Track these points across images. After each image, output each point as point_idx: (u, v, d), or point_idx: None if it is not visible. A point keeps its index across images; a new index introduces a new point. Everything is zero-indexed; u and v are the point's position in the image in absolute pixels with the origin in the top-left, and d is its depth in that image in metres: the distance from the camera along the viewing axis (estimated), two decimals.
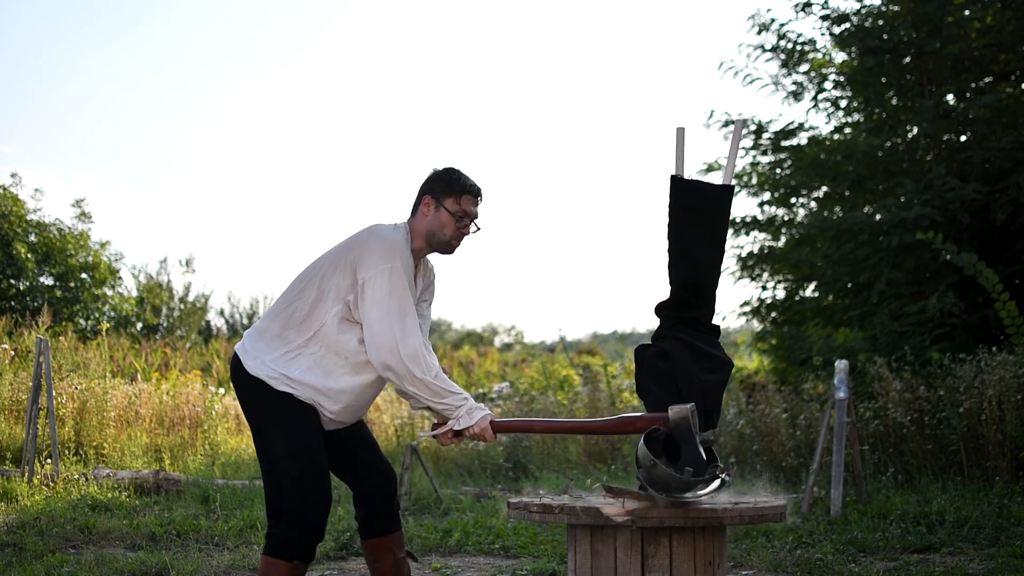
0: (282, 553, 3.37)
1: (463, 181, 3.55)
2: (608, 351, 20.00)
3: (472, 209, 3.54)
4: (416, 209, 3.56)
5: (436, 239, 3.53)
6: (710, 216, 3.27)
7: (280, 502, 3.39)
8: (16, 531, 6.20)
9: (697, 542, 2.99)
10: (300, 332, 3.43)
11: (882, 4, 11.25)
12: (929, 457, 8.15)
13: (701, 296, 3.26)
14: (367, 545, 3.66)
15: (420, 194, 3.57)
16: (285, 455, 3.38)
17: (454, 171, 3.57)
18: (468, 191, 3.53)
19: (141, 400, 10.17)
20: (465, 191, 3.53)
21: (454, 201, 3.51)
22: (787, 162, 11.59)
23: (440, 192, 3.53)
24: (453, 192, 3.52)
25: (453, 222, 3.51)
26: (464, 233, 3.55)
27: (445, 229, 3.51)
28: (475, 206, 3.56)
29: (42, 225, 16.24)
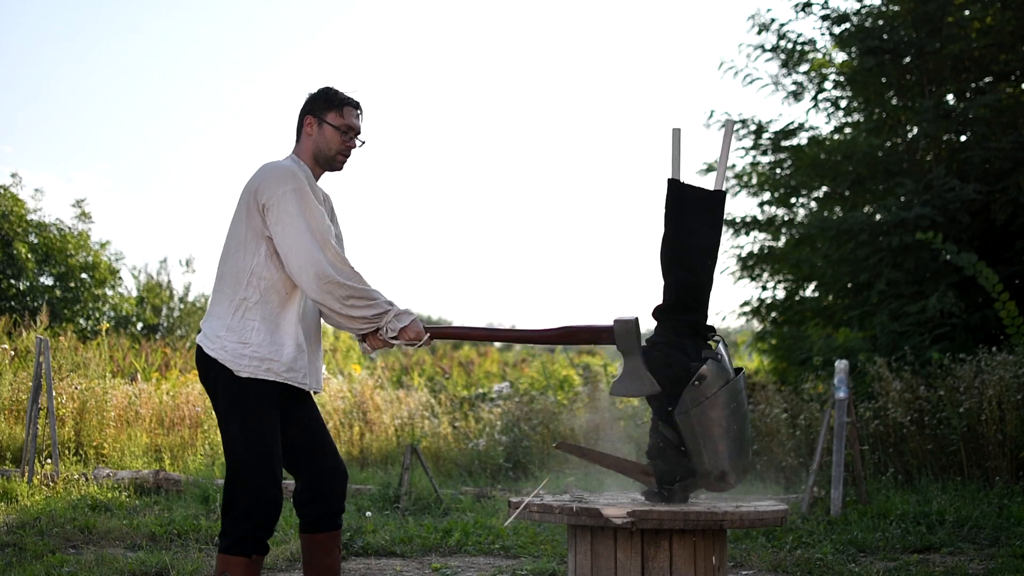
0: (239, 550, 3.38)
1: (340, 95, 3.55)
2: (608, 351, 19.99)
3: (355, 122, 3.55)
4: (300, 133, 3.58)
5: (323, 156, 3.53)
6: (706, 221, 3.26)
7: (236, 498, 3.38)
8: (16, 531, 6.20)
9: (697, 544, 2.99)
10: (243, 289, 3.41)
11: (882, 4, 11.25)
12: (929, 457, 8.15)
13: (698, 299, 3.26)
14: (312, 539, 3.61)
15: (300, 117, 3.57)
16: (243, 448, 3.37)
17: (330, 88, 3.57)
18: (348, 103, 3.55)
19: (141, 400, 10.16)
20: (345, 103, 3.54)
21: (336, 115, 3.53)
22: (787, 162, 11.59)
23: (320, 109, 3.54)
24: (333, 106, 3.53)
25: (338, 136, 3.53)
26: (350, 147, 3.56)
27: (331, 144, 3.53)
28: (357, 119, 3.57)
29: (42, 225, 16.23)
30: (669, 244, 3.27)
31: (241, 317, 3.40)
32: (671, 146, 3.31)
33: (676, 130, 3.31)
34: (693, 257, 3.26)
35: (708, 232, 3.27)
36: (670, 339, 3.25)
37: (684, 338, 3.26)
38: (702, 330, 3.30)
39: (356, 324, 3.36)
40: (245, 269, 3.41)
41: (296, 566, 5.56)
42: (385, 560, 5.81)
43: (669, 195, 3.26)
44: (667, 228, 3.27)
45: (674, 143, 3.32)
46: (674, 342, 3.24)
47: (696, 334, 3.28)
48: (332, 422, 10.48)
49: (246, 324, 3.39)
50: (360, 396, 10.72)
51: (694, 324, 3.28)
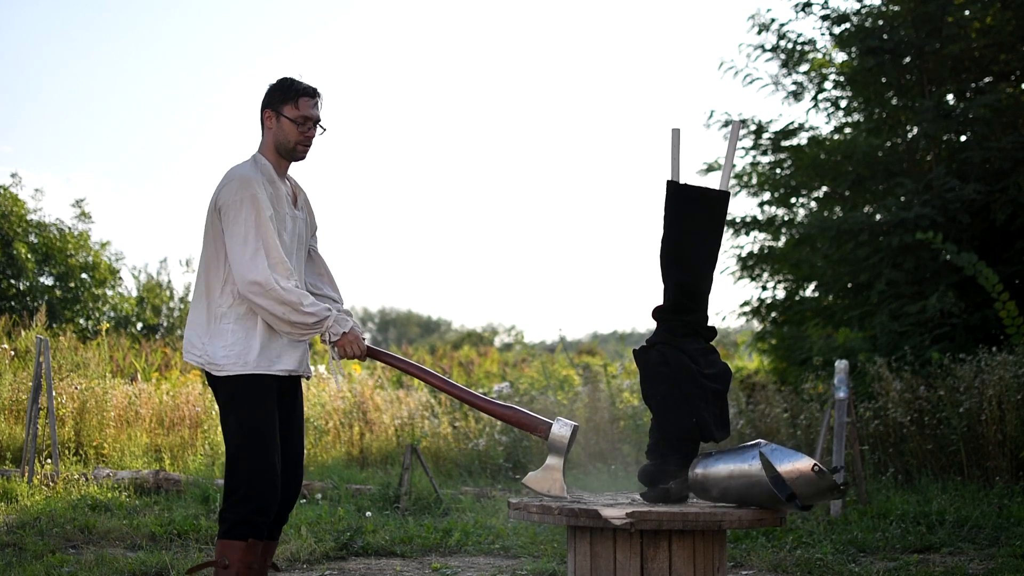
0: (236, 533, 3.46)
1: (296, 85, 3.61)
2: (608, 351, 19.99)
3: (312, 112, 3.60)
4: (262, 127, 3.65)
5: (283, 148, 3.61)
6: (707, 221, 3.26)
7: (235, 485, 3.49)
8: (16, 531, 6.20)
9: (697, 545, 2.98)
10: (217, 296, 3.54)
11: (882, 4, 11.25)
12: (929, 457, 8.15)
13: (698, 300, 3.26)
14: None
15: (261, 112, 3.65)
16: (239, 437, 3.49)
17: (286, 79, 3.63)
18: (304, 93, 3.60)
19: (141, 400, 10.16)
20: (300, 94, 3.60)
21: (291, 107, 3.59)
22: (787, 162, 11.59)
23: (277, 102, 3.61)
24: (289, 98, 3.59)
25: (295, 127, 3.59)
26: (310, 136, 3.61)
27: (289, 136, 3.59)
28: (314, 108, 3.62)
29: (42, 225, 16.23)
30: (668, 245, 3.26)
31: (217, 322, 3.52)
32: (670, 146, 3.31)
33: (675, 130, 3.30)
34: (692, 258, 3.25)
35: (708, 233, 3.27)
36: (669, 340, 3.25)
37: (683, 338, 3.26)
38: (702, 331, 3.30)
39: (293, 329, 3.46)
40: (219, 277, 3.53)
41: (296, 566, 5.57)
42: (385, 560, 5.82)
43: (668, 196, 3.25)
44: (666, 229, 3.27)
45: (673, 143, 3.31)
46: (673, 342, 3.24)
47: (696, 334, 3.28)
48: (332, 422, 10.48)
49: (223, 328, 3.52)
50: (360, 396, 10.72)
51: (693, 324, 3.28)
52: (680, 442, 3.19)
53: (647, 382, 3.27)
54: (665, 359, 3.23)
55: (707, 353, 3.27)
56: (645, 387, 3.28)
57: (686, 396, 3.17)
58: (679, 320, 3.26)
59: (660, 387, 3.22)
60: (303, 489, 7.92)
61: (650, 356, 3.27)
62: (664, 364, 3.22)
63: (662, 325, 3.29)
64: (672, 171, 3.29)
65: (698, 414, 3.16)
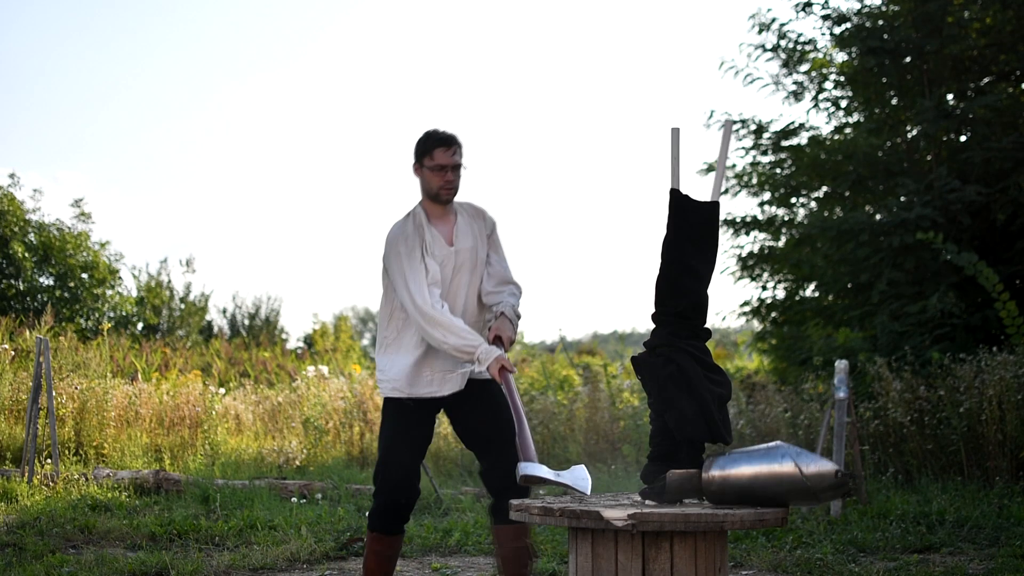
0: (369, 524, 4.16)
1: (428, 139, 4.10)
2: (608, 351, 19.98)
3: (446, 159, 4.08)
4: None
5: (430, 195, 4.14)
6: (708, 234, 3.26)
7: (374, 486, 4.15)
8: (16, 531, 6.20)
9: (698, 546, 2.98)
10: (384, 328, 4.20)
11: (882, 4, 11.24)
12: (929, 457, 8.15)
13: (697, 305, 3.27)
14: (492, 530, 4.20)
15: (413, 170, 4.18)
16: (379, 449, 4.15)
17: (424, 134, 4.12)
18: (436, 144, 4.09)
19: (141, 400, 10.16)
20: (434, 146, 4.09)
21: (428, 159, 4.10)
22: (787, 162, 11.58)
23: (417, 157, 4.14)
24: (425, 152, 4.10)
25: (434, 175, 4.09)
26: (448, 180, 4.10)
27: (431, 184, 4.12)
28: (449, 155, 4.09)
29: (42, 225, 16.22)
30: (673, 254, 3.24)
31: (383, 353, 4.18)
32: (670, 146, 3.29)
33: (675, 130, 3.29)
34: (698, 269, 3.25)
35: (709, 244, 3.27)
36: (672, 342, 3.24)
37: (683, 339, 3.25)
38: (701, 332, 3.29)
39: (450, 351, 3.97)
40: (385, 314, 4.19)
41: (296, 566, 5.57)
42: None
43: (671, 204, 3.24)
44: (669, 234, 3.26)
45: (673, 143, 3.29)
46: (677, 344, 3.23)
47: (696, 336, 3.27)
48: (332, 422, 10.48)
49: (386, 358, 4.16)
50: (360, 396, 10.72)
51: (693, 328, 3.27)
52: (691, 444, 3.19)
53: (656, 385, 3.25)
54: (673, 361, 3.22)
55: (709, 356, 3.28)
56: (654, 390, 3.25)
57: (699, 399, 3.16)
58: (678, 323, 3.25)
59: (671, 390, 3.20)
60: (303, 489, 7.92)
61: (656, 360, 3.25)
62: (672, 364, 3.21)
63: (664, 328, 3.28)
64: (672, 171, 3.28)
65: (710, 416, 3.16)
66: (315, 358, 16.21)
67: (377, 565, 4.17)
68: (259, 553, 5.67)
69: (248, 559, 5.56)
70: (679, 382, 3.19)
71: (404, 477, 4.09)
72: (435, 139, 4.08)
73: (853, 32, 10.92)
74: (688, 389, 3.18)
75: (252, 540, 6.15)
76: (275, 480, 8.23)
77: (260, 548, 5.84)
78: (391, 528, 4.13)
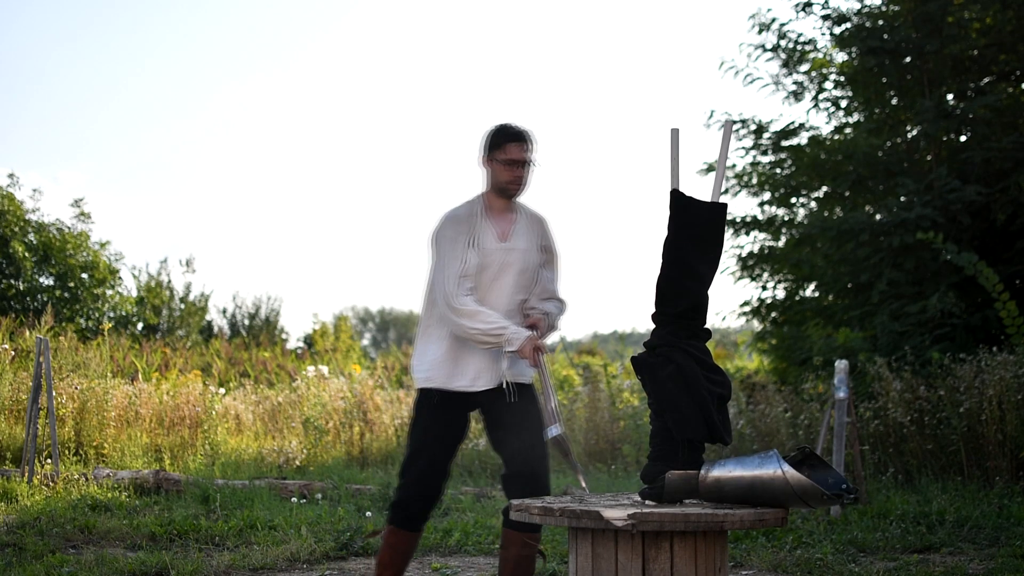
0: (390, 516, 4.14)
1: (501, 132, 4.08)
2: (608, 351, 19.99)
3: (518, 154, 4.05)
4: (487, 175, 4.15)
5: (499, 187, 4.10)
6: (710, 235, 3.25)
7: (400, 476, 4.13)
8: (16, 531, 6.20)
9: (699, 546, 2.98)
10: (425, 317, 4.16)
11: (882, 4, 11.24)
12: (929, 457, 8.15)
13: (701, 311, 3.26)
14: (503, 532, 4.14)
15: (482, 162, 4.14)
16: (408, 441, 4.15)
17: (496, 127, 4.10)
18: (508, 139, 4.06)
19: (141, 400, 10.16)
20: (506, 140, 4.06)
21: (500, 152, 4.06)
22: (787, 162, 11.58)
23: (489, 149, 4.10)
24: (496, 146, 4.07)
25: (504, 169, 4.06)
26: (518, 175, 4.07)
27: (500, 177, 4.08)
28: (522, 151, 4.06)
29: (41, 225, 16.22)
30: (674, 255, 3.24)
31: (421, 339, 4.15)
32: (670, 147, 3.28)
33: (675, 131, 3.28)
34: (699, 270, 3.24)
35: (712, 246, 3.26)
36: (672, 342, 3.24)
37: (683, 340, 3.25)
38: (701, 333, 3.29)
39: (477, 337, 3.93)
40: (430, 297, 4.13)
41: (296, 566, 5.57)
42: None
43: (672, 205, 3.23)
44: (670, 235, 3.25)
45: (673, 144, 3.28)
46: (678, 344, 3.23)
47: (695, 336, 3.27)
48: (332, 422, 10.48)
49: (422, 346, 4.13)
50: (360, 396, 10.72)
51: (692, 328, 3.27)
52: (691, 445, 3.20)
53: (656, 385, 3.25)
54: (672, 361, 3.21)
55: (709, 357, 3.27)
56: (654, 390, 3.25)
57: (698, 399, 3.16)
58: (681, 324, 3.25)
59: (668, 390, 3.20)
60: (303, 489, 7.93)
61: (656, 360, 3.25)
62: (672, 364, 3.21)
63: (663, 328, 3.28)
64: (672, 172, 3.27)
65: (709, 417, 3.15)
66: (315, 358, 16.22)
67: (391, 559, 4.13)
68: (259, 553, 5.67)
69: (248, 559, 5.56)
70: (678, 382, 3.19)
71: (433, 474, 4.05)
72: (509, 133, 4.06)
73: (853, 32, 10.92)
74: (687, 389, 3.18)
75: (252, 540, 6.15)
76: (275, 480, 8.23)
77: (260, 548, 5.84)
78: (411, 524, 4.10)
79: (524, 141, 4.07)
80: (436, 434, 4.07)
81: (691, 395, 3.17)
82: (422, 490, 4.06)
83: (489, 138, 4.09)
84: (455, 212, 4.10)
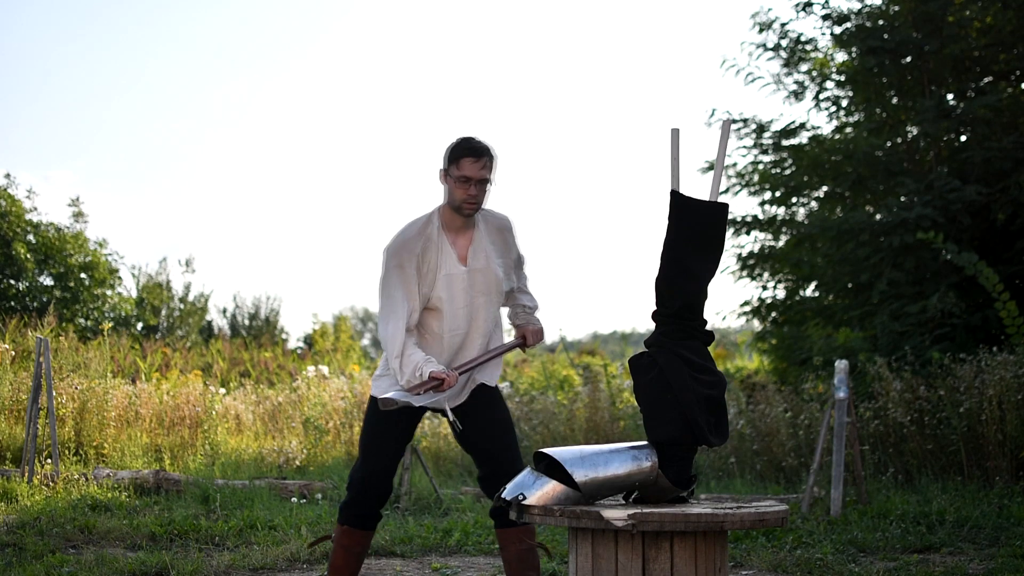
0: (339, 515, 4.11)
1: (460, 146, 3.86)
2: (608, 351, 20.00)
3: (474, 171, 3.83)
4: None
5: (453, 205, 3.90)
6: (710, 235, 3.24)
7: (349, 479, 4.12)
8: (16, 531, 6.19)
9: (699, 546, 2.98)
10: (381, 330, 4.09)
11: (883, 4, 11.24)
12: (929, 457, 8.15)
13: (697, 311, 3.26)
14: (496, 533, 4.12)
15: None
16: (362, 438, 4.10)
17: (457, 140, 3.89)
18: (465, 153, 3.84)
19: (141, 400, 10.16)
20: (463, 155, 3.85)
21: (455, 167, 3.85)
22: (788, 161, 11.58)
23: (445, 163, 3.90)
24: (453, 160, 3.86)
25: (459, 186, 3.85)
26: (471, 195, 3.85)
27: (455, 194, 3.87)
28: (478, 167, 3.84)
29: (39, 225, 16.21)
30: (672, 255, 3.24)
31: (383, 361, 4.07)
32: (670, 147, 3.28)
33: (675, 130, 3.27)
34: (696, 271, 3.24)
35: (711, 247, 3.26)
36: (664, 343, 3.24)
37: (680, 342, 3.24)
38: (699, 334, 3.28)
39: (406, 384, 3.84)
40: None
41: (296, 566, 5.57)
42: (385, 560, 5.82)
43: (671, 206, 3.23)
44: (669, 235, 3.25)
45: (673, 144, 3.28)
46: (668, 346, 3.23)
47: (693, 337, 3.27)
48: (332, 422, 10.48)
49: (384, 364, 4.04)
50: (360, 396, 10.72)
51: (691, 329, 3.27)
52: (671, 446, 3.18)
53: (637, 387, 3.27)
54: (656, 364, 3.21)
55: (703, 358, 3.25)
56: (636, 392, 3.28)
57: (676, 401, 3.15)
58: (677, 324, 3.25)
59: (649, 392, 3.21)
60: (303, 489, 7.93)
61: (642, 361, 3.26)
62: (654, 368, 3.21)
63: (659, 328, 3.28)
64: (672, 172, 3.27)
65: (693, 419, 3.14)
66: (315, 358, 16.21)
67: (344, 561, 4.08)
68: (259, 553, 5.67)
69: (248, 559, 5.56)
70: (660, 384, 3.18)
71: (383, 472, 4.02)
72: (465, 148, 3.84)
73: (853, 32, 10.92)
74: (668, 391, 3.17)
75: (252, 540, 6.15)
76: (275, 480, 8.23)
77: (260, 548, 5.84)
78: (362, 522, 4.06)
79: (481, 157, 3.83)
80: (387, 434, 4.02)
81: (672, 397, 3.16)
82: (373, 488, 4.03)
83: (447, 151, 3.88)
84: (404, 239, 3.89)
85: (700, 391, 3.16)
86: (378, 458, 4.02)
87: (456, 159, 3.84)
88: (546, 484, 3.10)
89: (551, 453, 3.15)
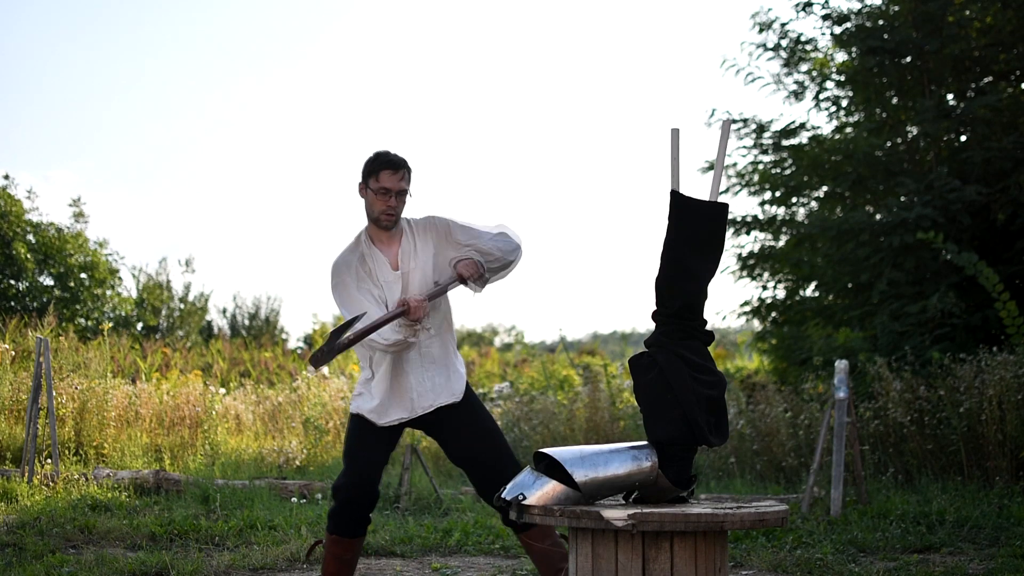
0: (328, 526, 4.10)
1: (378, 159, 3.98)
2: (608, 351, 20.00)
3: (393, 183, 3.96)
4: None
5: (372, 217, 4.04)
6: (710, 235, 3.24)
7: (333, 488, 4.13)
8: (16, 531, 6.20)
9: (699, 546, 2.98)
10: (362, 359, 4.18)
11: (883, 4, 11.24)
12: (929, 457, 8.15)
13: (697, 311, 3.26)
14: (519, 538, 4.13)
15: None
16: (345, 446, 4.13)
17: (374, 154, 4.00)
18: (383, 166, 3.97)
19: (141, 400, 10.16)
20: (380, 167, 3.97)
21: (374, 180, 3.98)
22: (788, 161, 11.58)
23: (364, 176, 4.02)
24: (371, 172, 3.99)
25: (377, 198, 3.98)
26: (390, 206, 3.98)
27: (373, 207, 4.01)
28: (396, 179, 3.97)
29: (39, 225, 16.21)
30: (672, 256, 3.24)
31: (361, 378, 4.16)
32: (670, 147, 3.28)
33: (675, 131, 3.27)
34: (696, 271, 3.24)
35: (711, 247, 3.25)
36: (664, 343, 3.24)
37: (679, 342, 3.24)
38: (699, 334, 3.28)
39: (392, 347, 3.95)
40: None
41: (296, 566, 5.57)
42: (385, 560, 5.82)
43: (671, 206, 3.23)
44: (668, 235, 3.25)
45: (673, 144, 3.28)
46: (668, 346, 3.23)
47: (692, 337, 3.27)
48: (332, 422, 10.48)
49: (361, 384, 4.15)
50: None
51: (691, 329, 3.27)
52: (671, 446, 3.18)
53: (637, 387, 3.27)
54: (655, 363, 3.21)
55: (703, 358, 3.25)
56: (635, 392, 3.28)
57: (676, 401, 3.15)
58: (677, 324, 3.25)
59: (649, 392, 3.21)
60: (303, 489, 7.93)
61: (642, 361, 3.26)
62: (654, 368, 3.21)
63: (659, 328, 3.28)
64: (672, 172, 3.27)
65: (693, 419, 3.14)
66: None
67: (336, 569, 4.11)
68: (259, 553, 5.67)
69: (248, 559, 5.56)
70: (659, 384, 3.19)
71: (368, 480, 4.05)
72: (384, 161, 3.97)
73: (853, 32, 10.92)
74: (668, 391, 3.17)
75: (252, 540, 6.15)
76: (275, 480, 8.23)
77: (260, 548, 5.84)
78: (351, 530, 4.08)
79: (399, 169, 3.97)
80: (370, 443, 4.07)
81: (672, 397, 3.16)
82: (357, 498, 4.04)
83: (366, 164, 4.01)
84: (340, 259, 4.05)
85: (700, 391, 3.16)
86: (361, 468, 4.04)
87: (375, 172, 3.97)
88: (546, 484, 3.10)
89: (551, 453, 3.15)
